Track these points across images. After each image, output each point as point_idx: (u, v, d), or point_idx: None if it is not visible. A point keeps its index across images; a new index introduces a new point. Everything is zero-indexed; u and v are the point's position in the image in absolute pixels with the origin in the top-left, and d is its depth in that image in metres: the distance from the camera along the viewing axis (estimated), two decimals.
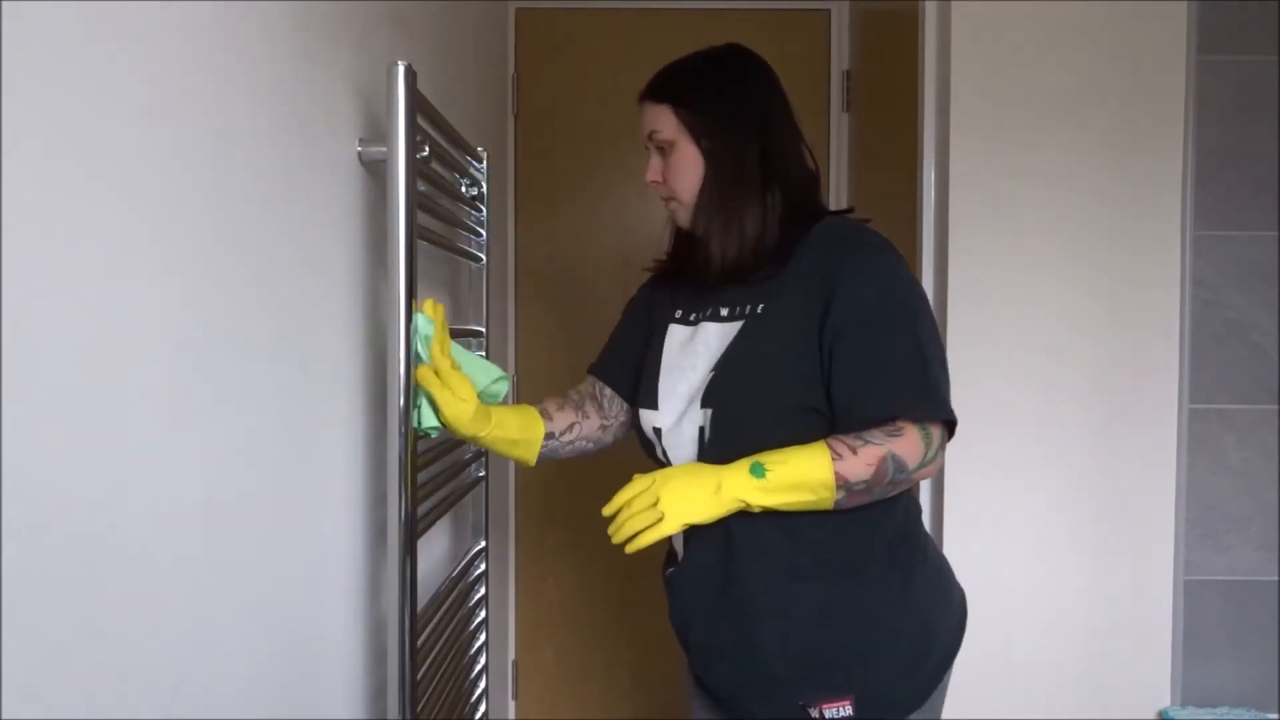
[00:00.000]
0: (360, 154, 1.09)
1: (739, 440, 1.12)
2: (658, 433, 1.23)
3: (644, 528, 1.07)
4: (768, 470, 1.08)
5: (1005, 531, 1.76)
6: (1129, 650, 1.75)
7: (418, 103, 1.05)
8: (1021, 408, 1.75)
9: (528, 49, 2.56)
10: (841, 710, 1.12)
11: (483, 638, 1.62)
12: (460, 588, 1.49)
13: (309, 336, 0.94)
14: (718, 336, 1.19)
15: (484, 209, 1.57)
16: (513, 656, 2.60)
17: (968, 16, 1.73)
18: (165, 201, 0.67)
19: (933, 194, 1.83)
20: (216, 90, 0.75)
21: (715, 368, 1.17)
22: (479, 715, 1.59)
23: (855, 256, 1.15)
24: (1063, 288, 1.75)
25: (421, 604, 1.24)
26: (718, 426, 1.15)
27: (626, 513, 1.08)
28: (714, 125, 1.18)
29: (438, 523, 1.35)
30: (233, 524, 0.78)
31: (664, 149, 1.21)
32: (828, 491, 1.08)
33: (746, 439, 1.12)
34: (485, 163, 1.55)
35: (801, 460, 1.08)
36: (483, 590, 1.63)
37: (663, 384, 1.23)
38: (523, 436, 1.24)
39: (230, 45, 0.77)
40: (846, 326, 1.11)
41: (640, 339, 1.33)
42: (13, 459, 0.52)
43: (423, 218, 1.14)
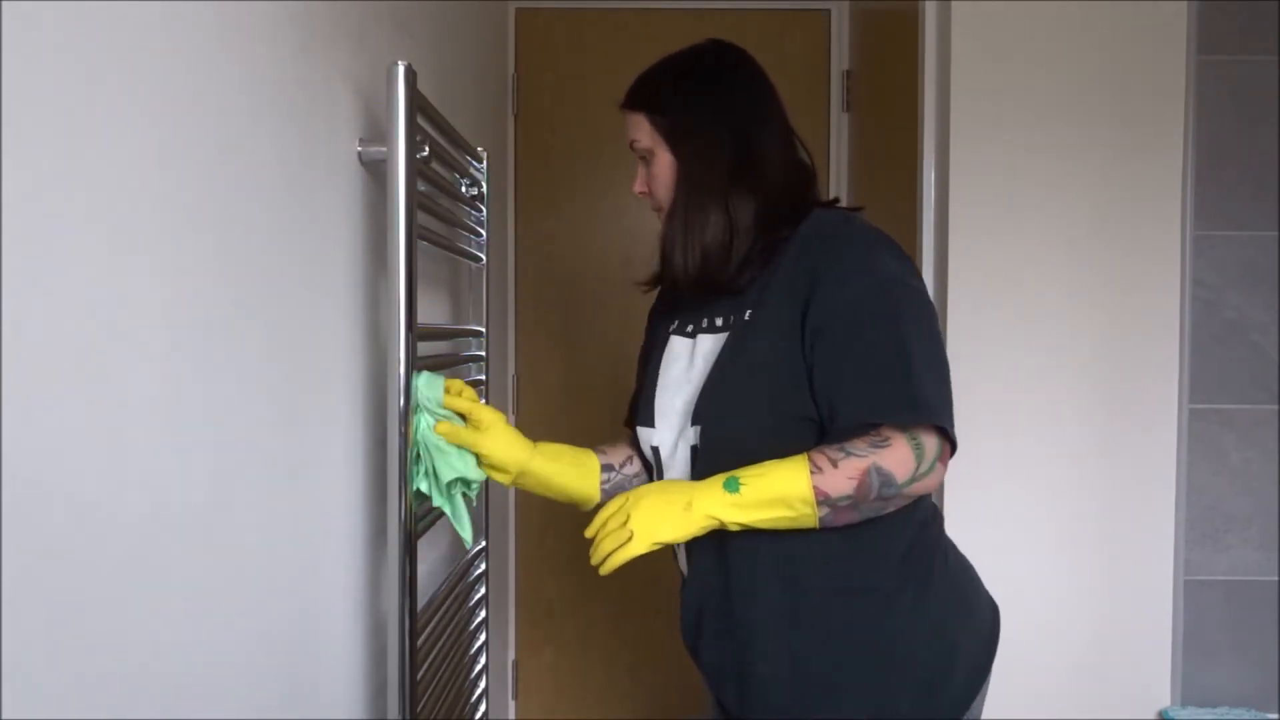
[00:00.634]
0: (360, 154, 1.09)
1: (732, 458, 1.06)
2: (656, 452, 1.18)
3: (615, 548, 1.03)
4: (742, 485, 1.01)
5: (1005, 531, 1.76)
6: (1129, 650, 1.75)
7: (418, 103, 1.05)
8: (1021, 407, 1.75)
9: (528, 49, 2.56)
10: None
11: (483, 638, 1.62)
12: (460, 588, 1.48)
13: (309, 336, 0.94)
14: (713, 348, 1.13)
15: (484, 209, 1.57)
16: (513, 656, 2.60)
17: (968, 16, 1.73)
18: (164, 201, 0.67)
19: (933, 194, 1.83)
20: (216, 90, 0.75)
21: (703, 382, 1.11)
22: (479, 715, 1.59)
23: (836, 250, 1.07)
24: (1062, 287, 1.75)
25: (421, 604, 1.24)
26: (708, 444, 1.09)
27: (601, 533, 1.05)
28: (686, 129, 1.13)
29: (438, 523, 1.34)
30: (232, 524, 0.78)
31: (645, 158, 1.17)
32: (807, 508, 1.00)
33: (739, 456, 1.06)
34: (485, 163, 1.54)
35: (778, 474, 1.01)
36: (483, 590, 1.63)
37: (659, 400, 1.18)
38: (576, 463, 1.19)
39: (230, 45, 0.77)
40: (826, 326, 1.03)
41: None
42: (12, 459, 0.52)
43: (423, 218, 1.14)
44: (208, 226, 0.74)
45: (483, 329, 1.61)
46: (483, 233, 1.58)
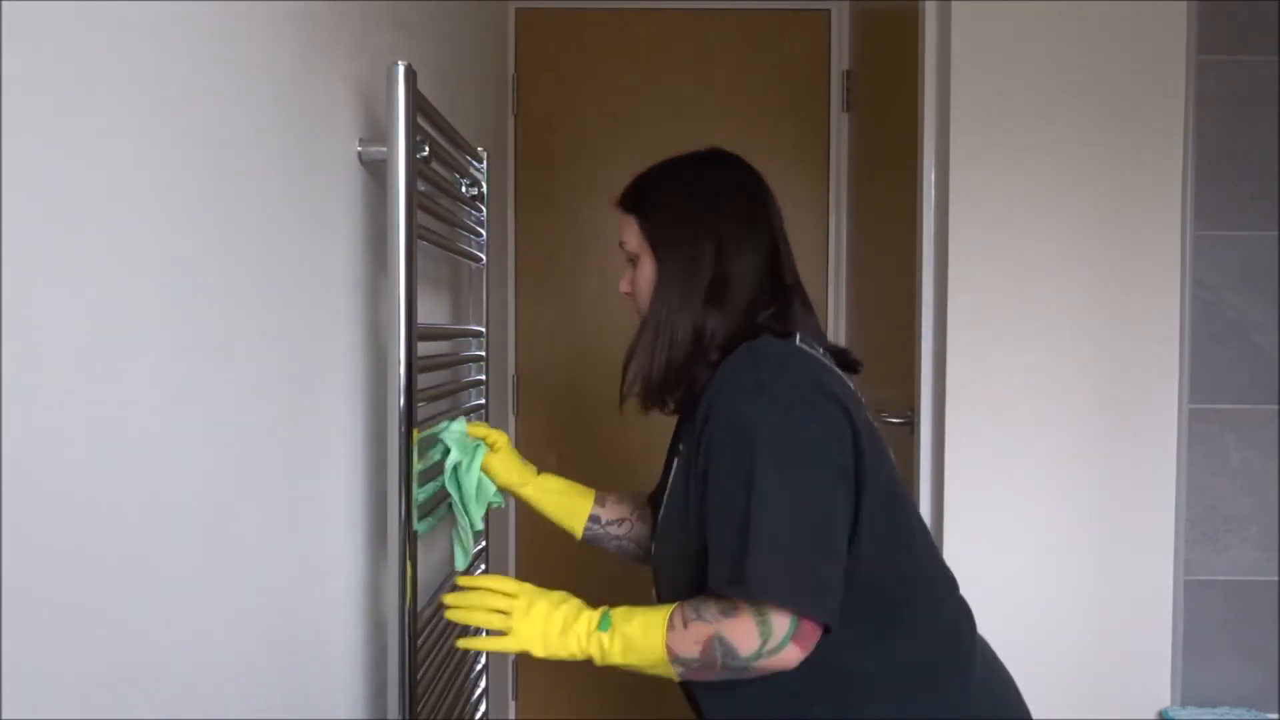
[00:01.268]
0: (360, 154, 1.09)
1: (669, 588, 1.09)
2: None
3: (486, 632, 1.04)
4: (612, 625, 1.00)
5: (1005, 531, 1.76)
6: (1129, 650, 1.75)
7: (418, 103, 1.05)
8: (1021, 407, 1.75)
9: (528, 49, 2.56)
10: None
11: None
12: None
13: (309, 336, 0.94)
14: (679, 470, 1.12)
15: (484, 209, 1.57)
16: (513, 656, 2.60)
17: (968, 16, 1.73)
18: (165, 201, 0.67)
19: (933, 194, 1.83)
20: (216, 90, 0.75)
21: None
22: (479, 715, 1.59)
23: (724, 392, 1.00)
24: (1063, 287, 1.75)
25: (421, 604, 1.24)
26: (657, 567, 1.14)
27: (482, 602, 1.04)
28: (668, 237, 1.10)
29: (438, 523, 1.34)
30: (232, 524, 0.78)
31: (632, 260, 1.15)
32: (662, 664, 0.97)
33: (674, 587, 1.07)
34: (485, 163, 1.54)
35: (642, 622, 0.99)
36: None
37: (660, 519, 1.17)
38: (563, 504, 1.27)
39: (230, 45, 0.77)
40: (704, 472, 1.00)
41: None
42: (12, 459, 0.52)
43: (423, 218, 1.14)
44: (207, 226, 0.74)
45: (483, 329, 1.61)
46: (483, 233, 1.58)
